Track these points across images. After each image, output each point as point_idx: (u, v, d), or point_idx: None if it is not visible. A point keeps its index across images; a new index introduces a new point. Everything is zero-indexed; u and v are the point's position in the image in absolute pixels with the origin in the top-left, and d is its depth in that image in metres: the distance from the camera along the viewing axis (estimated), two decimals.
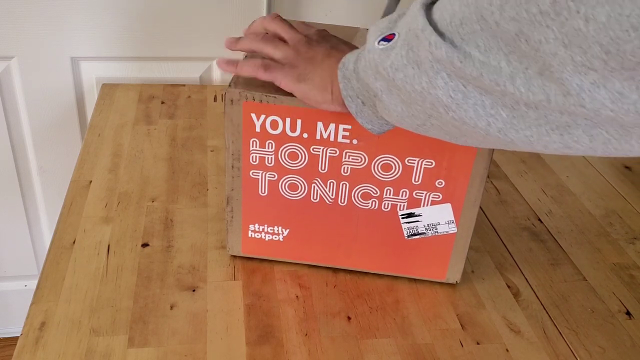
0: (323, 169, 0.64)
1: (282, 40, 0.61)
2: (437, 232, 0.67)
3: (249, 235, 0.70)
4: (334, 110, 0.57)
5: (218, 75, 1.20)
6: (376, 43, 0.48)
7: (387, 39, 0.47)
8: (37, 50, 1.10)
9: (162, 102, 1.08)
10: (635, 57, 0.30)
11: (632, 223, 0.87)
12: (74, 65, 1.13)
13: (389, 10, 0.66)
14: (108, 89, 1.12)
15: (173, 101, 1.09)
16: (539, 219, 0.86)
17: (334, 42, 0.60)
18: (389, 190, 0.65)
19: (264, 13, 1.13)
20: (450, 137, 0.47)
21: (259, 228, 0.69)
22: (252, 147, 0.64)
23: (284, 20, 0.63)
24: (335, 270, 0.72)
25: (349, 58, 0.54)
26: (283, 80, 0.58)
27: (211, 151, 0.94)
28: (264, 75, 0.59)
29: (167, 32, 1.13)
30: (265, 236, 0.70)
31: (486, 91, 0.39)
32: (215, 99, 1.11)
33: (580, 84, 0.33)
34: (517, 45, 0.35)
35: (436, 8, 0.43)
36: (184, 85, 1.15)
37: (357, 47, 0.59)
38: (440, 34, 0.40)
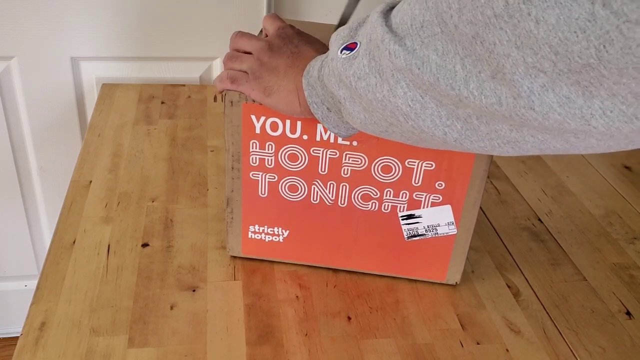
0: (323, 170, 0.64)
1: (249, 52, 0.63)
2: (437, 233, 0.67)
3: (249, 237, 0.70)
4: (304, 117, 0.58)
5: None
6: (339, 52, 0.49)
7: (350, 47, 0.49)
8: (37, 50, 1.10)
9: (162, 102, 1.08)
10: (582, 58, 0.31)
11: (632, 223, 0.87)
12: (74, 65, 1.13)
13: (348, 10, 0.67)
14: (108, 89, 1.12)
15: (173, 101, 1.09)
16: (539, 219, 0.86)
17: (296, 45, 0.60)
18: (389, 192, 0.65)
19: (264, 13, 1.13)
20: (412, 142, 0.49)
21: (259, 229, 0.69)
22: (252, 148, 0.64)
23: (245, 33, 0.64)
24: (335, 270, 0.72)
25: (314, 65, 0.54)
26: (252, 93, 0.60)
27: (211, 151, 0.94)
28: (231, 87, 0.60)
29: (167, 32, 1.13)
30: (265, 237, 0.70)
31: (441, 102, 0.41)
32: (215, 99, 1.11)
33: (530, 87, 0.35)
34: (473, 49, 0.37)
35: (396, 12, 0.44)
36: (184, 85, 1.15)
37: (319, 45, 0.60)
38: (400, 39, 0.41)
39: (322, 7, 1.16)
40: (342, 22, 0.67)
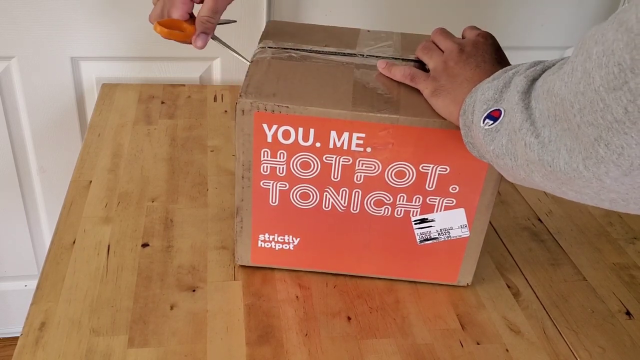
0: (336, 177, 0.63)
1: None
2: (449, 236, 0.67)
3: (259, 245, 0.69)
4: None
5: (218, 75, 1.20)
6: (481, 122, 0.50)
7: (493, 116, 0.49)
8: (37, 50, 1.10)
9: (162, 102, 1.08)
10: None
11: (632, 223, 0.87)
12: (74, 65, 1.13)
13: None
14: (108, 89, 1.12)
15: (173, 101, 1.09)
16: (539, 219, 0.86)
17: (483, 59, 0.60)
18: (402, 197, 0.64)
19: (264, 13, 1.13)
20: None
21: (269, 237, 0.68)
22: (263, 157, 0.63)
23: (445, 31, 0.66)
24: None
25: (468, 104, 0.54)
26: (424, 91, 0.61)
27: (211, 151, 0.94)
28: (410, 83, 0.63)
29: None
30: (275, 245, 0.69)
31: (580, 192, 0.43)
32: (215, 99, 1.11)
33: None
34: (595, 150, 0.38)
35: (537, 95, 0.44)
36: (184, 85, 1.15)
37: (504, 64, 0.60)
38: (537, 130, 0.43)
39: (322, 7, 1.16)
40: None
